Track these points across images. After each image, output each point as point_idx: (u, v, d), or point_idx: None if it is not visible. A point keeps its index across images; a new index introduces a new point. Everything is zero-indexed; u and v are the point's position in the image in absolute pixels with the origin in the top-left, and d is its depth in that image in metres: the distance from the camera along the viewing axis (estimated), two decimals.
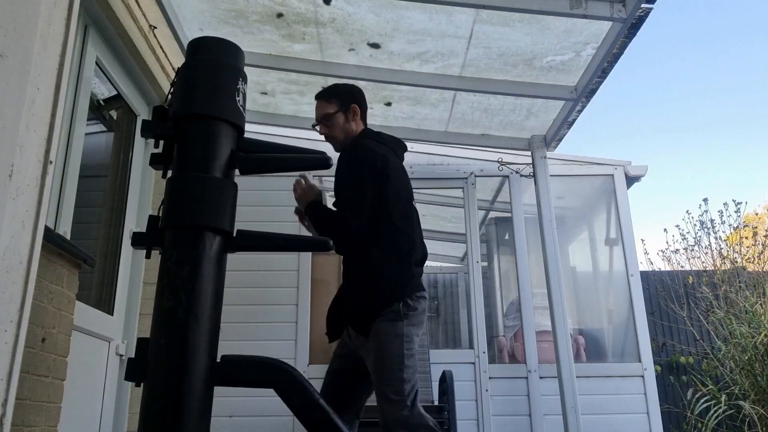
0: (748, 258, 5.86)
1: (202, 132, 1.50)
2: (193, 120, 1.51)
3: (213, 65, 1.57)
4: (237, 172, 1.62)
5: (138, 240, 1.45)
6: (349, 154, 2.29)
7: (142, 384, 1.30)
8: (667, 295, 5.86)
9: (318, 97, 2.46)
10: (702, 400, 5.03)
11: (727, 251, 5.90)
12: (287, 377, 1.36)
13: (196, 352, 1.28)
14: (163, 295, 1.33)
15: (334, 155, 2.10)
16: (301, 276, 4.32)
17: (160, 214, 1.46)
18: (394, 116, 4.21)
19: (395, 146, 2.47)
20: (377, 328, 2.13)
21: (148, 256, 1.46)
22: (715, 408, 4.86)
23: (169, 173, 1.54)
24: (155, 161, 1.55)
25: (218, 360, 1.35)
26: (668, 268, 6.30)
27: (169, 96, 1.62)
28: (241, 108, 1.61)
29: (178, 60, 3.28)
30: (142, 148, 3.54)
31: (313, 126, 2.47)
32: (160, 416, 1.24)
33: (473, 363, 4.25)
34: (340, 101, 2.40)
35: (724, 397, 4.93)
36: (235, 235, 1.47)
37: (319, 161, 1.79)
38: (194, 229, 1.39)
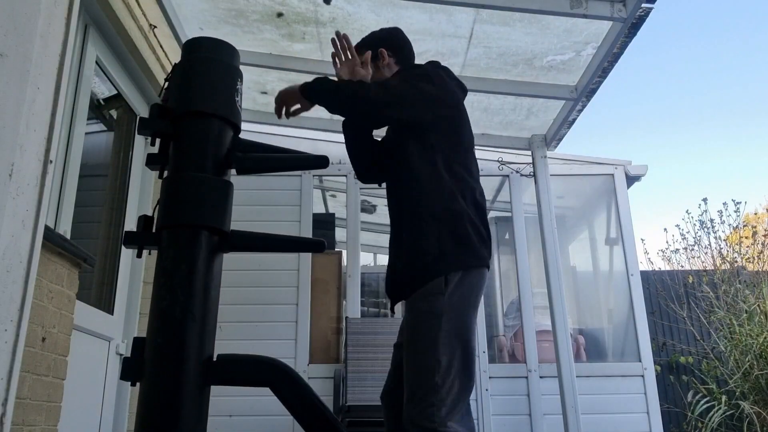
0: (748, 258, 5.86)
1: (199, 129, 1.50)
2: (190, 117, 1.51)
3: (210, 63, 1.57)
4: (233, 171, 1.62)
5: (130, 239, 1.45)
6: (410, 67, 2.06)
7: (138, 383, 1.31)
8: (667, 294, 5.86)
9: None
10: (703, 402, 5.03)
11: (727, 251, 5.89)
12: (283, 376, 1.36)
13: (192, 351, 1.29)
14: (159, 294, 1.33)
15: (335, 155, 2.07)
16: (301, 276, 4.32)
17: (155, 214, 1.47)
18: None
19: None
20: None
21: (139, 256, 1.46)
22: (717, 408, 4.86)
23: (165, 172, 1.54)
24: (151, 161, 1.55)
25: (215, 359, 1.35)
26: (668, 268, 6.30)
27: (163, 91, 1.62)
28: (238, 106, 1.61)
29: (178, 59, 3.29)
30: (142, 148, 3.54)
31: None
32: (156, 415, 1.24)
33: (475, 359, 4.25)
34: (367, 48, 2.09)
35: (724, 398, 4.94)
36: (231, 235, 1.47)
37: (318, 161, 1.78)
38: (191, 229, 1.39)
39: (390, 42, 2.14)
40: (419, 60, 3.48)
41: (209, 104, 1.51)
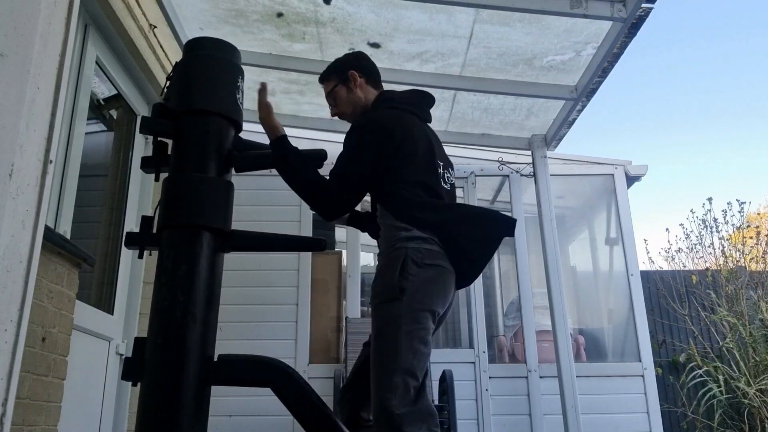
0: (752, 257, 5.85)
1: (200, 128, 1.50)
2: (191, 115, 1.50)
3: (212, 61, 1.57)
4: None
5: (131, 240, 1.45)
6: (352, 128, 2.07)
7: (138, 383, 1.30)
8: (667, 293, 5.86)
9: (320, 80, 2.28)
10: (702, 391, 5.06)
11: (730, 250, 5.89)
12: (284, 376, 1.36)
13: (193, 352, 1.29)
14: (160, 294, 1.33)
15: (335, 155, 2.08)
16: (301, 275, 4.32)
17: (155, 214, 1.47)
18: None
19: (414, 105, 2.21)
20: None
21: (140, 256, 1.47)
22: (711, 388, 4.90)
23: (163, 175, 1.54)
24: (146, 164, 1.55)
25: (215, 359, 1.35)
26: (670, 268, 6.30)
27: (165, 90, 1.62)
28: (239, 105, 1.61)
29: (179, 59, 3.29)
30: (142, 148, 3.54)
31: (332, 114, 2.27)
32: (156, 415, 1.24)
33: (473, 362, 4.25)
34: (337, 74, 2.21)
35: (721, 377, 4.97)
36: (232, 234, 1.47)
37: (315, 155, 1.79)
38: (191, 229, 1.39)
39: (358, 63, 2.22)
40: (418, 59, 3.50)
41: (210, 102, 1.51)
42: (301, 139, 4.37)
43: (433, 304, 1.86)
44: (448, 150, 4.97)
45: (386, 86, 3.79)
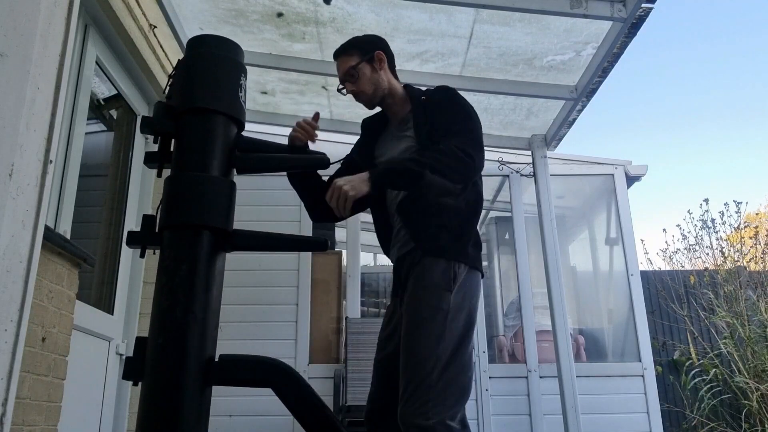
0: (750, 258, 5.85)
1: (202, 127, 1.49)
2: (193, 114, 1.50)
3: (214, 59, 1.57)
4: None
5: (133, 239, 1.45)
6: (452, 93, 2.06)
7: (140, 383, 1.30)
8: (667, 294, 5.86)
9: (337, 54, 2.12)
10: (702, 384, 5.09)
11: (728, 250, 5.89)
12: (285, 376, 1.36)
13: (194, 352, 1.28)
14: (161, 295, 1.33)
15: (335, 155, 2.07)
16: (301, 276, 4.32)
17: (157, 213, 1.46)
18: None
19: None
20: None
21: (142, 256, 1.46)
22: (708, 384, 4.92)
23: (165, 172, 1.53)
24: (150, 160, 1.54)
25: (216, 359, 1.35)
26: (668, 268, 6.30)
27: (167, 89, 1.62)
28: (242, 103, 1.61)
29: (179, 59, 3.29)
30: (142, 148, 3.54)
31: (339, 90, 2.12)
32: (157, 416, 1.24)
33: (473, 363, 4.25)
34: (362, 51, 2.07)
35: (715, 370, 5.00)
36: (233, 234, 1.47)
37: (317, 161, 1.79)
38: (192, 229, 1.38)
39: (382, 45, 2.13)
40: (418, 59, 3.50)
41: (213, 101, 1.51)
42: None
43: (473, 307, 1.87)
44: None
45: None
